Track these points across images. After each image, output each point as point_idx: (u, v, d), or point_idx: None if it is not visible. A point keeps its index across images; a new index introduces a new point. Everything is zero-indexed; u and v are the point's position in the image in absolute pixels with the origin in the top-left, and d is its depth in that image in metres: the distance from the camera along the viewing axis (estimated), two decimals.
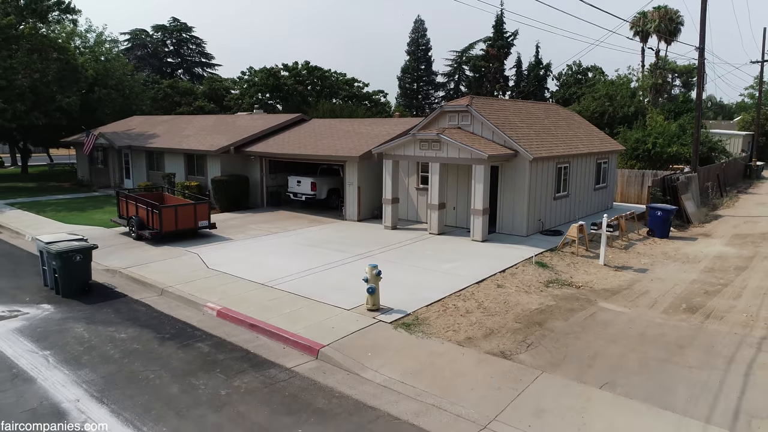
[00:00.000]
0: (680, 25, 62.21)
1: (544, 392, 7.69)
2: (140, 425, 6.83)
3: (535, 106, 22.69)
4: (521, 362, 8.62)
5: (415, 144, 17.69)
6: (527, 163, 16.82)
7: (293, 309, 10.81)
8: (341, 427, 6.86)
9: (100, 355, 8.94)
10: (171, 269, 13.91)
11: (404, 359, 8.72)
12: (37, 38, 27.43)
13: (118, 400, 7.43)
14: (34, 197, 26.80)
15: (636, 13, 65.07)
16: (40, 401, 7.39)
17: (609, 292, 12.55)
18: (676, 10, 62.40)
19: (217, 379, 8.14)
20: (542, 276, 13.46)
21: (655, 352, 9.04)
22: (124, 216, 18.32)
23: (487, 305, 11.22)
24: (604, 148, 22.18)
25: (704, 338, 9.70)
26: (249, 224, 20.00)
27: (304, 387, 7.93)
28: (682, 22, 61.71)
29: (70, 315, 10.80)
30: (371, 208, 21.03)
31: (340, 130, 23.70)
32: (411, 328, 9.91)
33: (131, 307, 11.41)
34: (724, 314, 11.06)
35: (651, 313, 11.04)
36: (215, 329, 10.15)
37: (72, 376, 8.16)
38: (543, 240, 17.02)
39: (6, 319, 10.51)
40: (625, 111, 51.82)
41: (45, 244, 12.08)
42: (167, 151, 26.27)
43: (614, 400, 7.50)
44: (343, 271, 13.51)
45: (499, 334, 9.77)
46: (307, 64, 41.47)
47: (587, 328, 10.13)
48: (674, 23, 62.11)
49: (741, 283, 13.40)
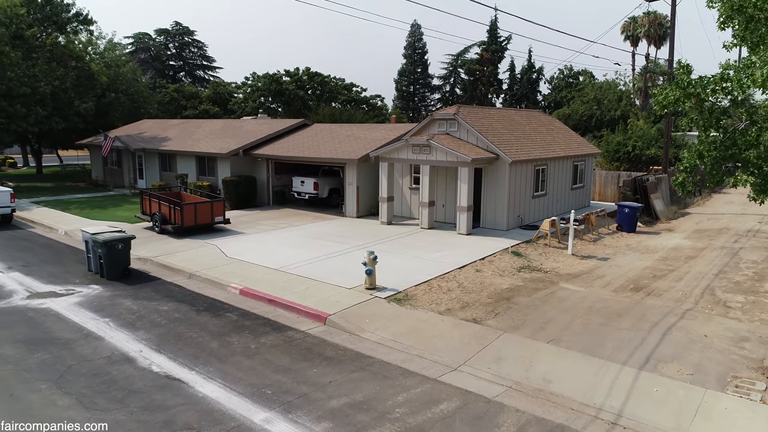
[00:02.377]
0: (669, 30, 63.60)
1: (504, 346, 9.86)
2: (192, 366, 8.97)
3: (518, 113, 24.87)
4: (488, 326, 10.79)
5: (408, 148, 19.85)
6: (507, 165, 18.99)
7: (303, 288, 12.95)
8: (346, 367, 9.02)
9: (149, 321, 11.08)
10: (195, 258, 16.03)
11: (395, 324, 10.87)
12: (58, 48, 29.48)
13: (172, 351, 9.57)
14: (56, 196, 28.83)
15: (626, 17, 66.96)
16: (111, 352, 9.52)
17: (571, 275, 14.73)
18: (665, 15, 64.13)
19: (246, 337, 10.28)
20: (516, 263, 15.63)
21: (596, 319, 11.22)
22: (147, 212, 20.40)
23: (466, 285, 13.39)
24: (581, 151, 24.37)
25: (640, 309, 11.89)
26: (258, 220, 22.12)
27: (315, 343, 10.08)
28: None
29: (117, 293, 12.92)
30: (369, 206, 23.15)
31: (340, 134, 25.82)
32: (401, 302, 12.07)
33: (167, 287, 13.54)
34: (663, 293, 13.25)
35: (602, 292, 13.23)
36: (240, 303, 12.29)
37: (132, 335, 10.29)
38: (521, 233, 19.19)
39: (65, 296, 12.63)
40: (612, 114, 54.16)
41: (91, 235, 14.20)
42: (179, 154, 28.36)
43: (557, 351, 9.68)
44: (345, 258, 15.65)
45: (473, 306, 11.94)
46: (308, 70, 43.59)
47: (546, 302, 12.30)
48: (663, 28, 64.01)
49: (686, 269, 15.60)
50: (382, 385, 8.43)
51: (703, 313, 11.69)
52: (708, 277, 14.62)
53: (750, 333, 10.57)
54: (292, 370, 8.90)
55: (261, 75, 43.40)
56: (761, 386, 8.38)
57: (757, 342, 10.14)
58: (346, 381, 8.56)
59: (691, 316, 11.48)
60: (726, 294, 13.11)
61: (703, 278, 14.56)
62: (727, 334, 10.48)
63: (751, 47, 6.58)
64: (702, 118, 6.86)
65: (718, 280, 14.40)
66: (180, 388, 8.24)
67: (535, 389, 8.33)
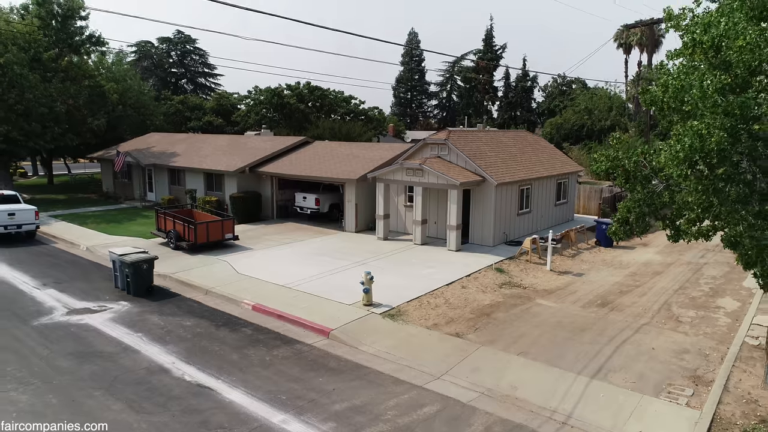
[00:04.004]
0: (662, 38, 64.65)
1: (480, 358, 11.62)
2: (218, 376, 10.72)
3: (506, 134, 26.66)
4: (469, 340, 12.55)
5: (403, 171, 21.61)
6: (493, 187, 20.77)
7: (308, 304, 14.70)
8: (346, 376, 10.78)
9: (177, 336, 12.82)
10: (209, 274, 17.78)
11: (388, 338, 12.63)
12: (73, 69, 31.19)
13: (200, 363, 11.32)
14: (71, 209, 30.53)
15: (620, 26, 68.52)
16: (149, 363, 11.27)
17: (547, 291, 16.51)
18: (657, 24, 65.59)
19: (261, 350, 12.04)
20: (498, 279, 17.41)
21: (562, 334, 12.99)
22: (162, 229, 22.14)
23: (452, 301, 15.16)
24: (564, 170, 26.17)
25: (602, 324, 13.67)
26: (264, 235, 23.86)
27: (320, 355, 11.84)
28: (663, 35, 64.16)
29: (145, 309, 14.67)
30: (367, 221, 24.91)
31: (340, 153, 27.58)
32: (394, 317, 13.83)
33: (187, 303, 15.29)
34: (626, 308, 15.03)
35: (571, 308, 15.01)
36: (253, 319, 14.03)
37: (163, 348, 12.04)
38: (506, 249, 20.98)
39: (100, 312, 14.37)
40: (602, 125, 56.00)
41: (118, 256, 15.94)
42: (188, 170, 30.10)
43: (525, 362, 11.45)
44: (344, 275, 17.39)
45: (457, 322, 13.71)
46: (308, 84, 45.36)
47: (521, 318, 14.08)
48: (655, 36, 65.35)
49: (651, 285, 17.38)
50: (376, 392, 10.18)
51: (656, 328, 13.47)
52: (668, 293, 16.40)
53: (692, 346, 12.36)
54: (302, 379, 10.66)
55: (263, 89, 45.15)
56: (689, 392, 10.16)
57: (695, 354, 11.92)
58: (347, 388, 10.31)
59: (645, 331, 13.26)
60: (680, 309, 14.89)
61: (664, 293, 16.34)
62: (672, 347, 12.26)
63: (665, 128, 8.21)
64: (628, 182, 8.65)
65: (676, 295, 16.19)
66: (210, 394, 9.99)
67: (503, 395, 10.09)
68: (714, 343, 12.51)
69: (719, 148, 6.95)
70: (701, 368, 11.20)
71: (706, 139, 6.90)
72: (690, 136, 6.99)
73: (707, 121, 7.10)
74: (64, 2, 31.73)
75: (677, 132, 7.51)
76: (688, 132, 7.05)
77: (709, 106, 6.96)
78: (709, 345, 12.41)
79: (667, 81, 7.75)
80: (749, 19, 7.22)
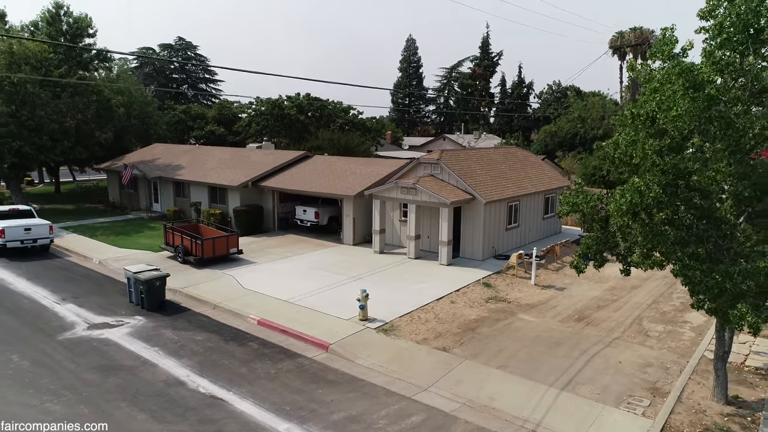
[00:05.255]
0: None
1: (464, 371, 12.94)
2: (229, 388, 12.03)
3: (496, 152, 27.99)
4: (454, 354, 13.87)
5: (397, 189, 22.93)
6: (482, 205, 22.10)
7: (310, 319, 16.01)
8: (343, 389, 12.09)
9: (190, 350, 14.13)
10: (216, 289, 19.08)
11: (382, 353, 13.94)
12: (82, 86, 32.48)
13: (212, 376, 12.62)
14: (80, 220, 31.79)
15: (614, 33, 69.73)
16: (166, 376, 12.57)
17: (529, 306, 17.83)
18: (651, 30, 66.78)
19: (267, 364, 13.34)
20: (485, 294, 18.73)
21: (539, 348, 14.31)
22: (170, 244, 23.42)
23: (441, 316, 16.48)
24: (551, 185, 27.51)
25: (576, 338, 14.99)
26: (266, 248, 25.16)
27: (320, 368, 13.15)
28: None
29: (159, 324, 15.97)
30: (364, 234, 26.22)
31: (338, 168, 28.88)
32: (387, 332, 15.15)
33: (197, 318, 16.59)
34: (601, 322, 16.36)
35: (550, 322, 16.33)
36: (258, 333, 15.34)
37: (178, 362, 13.34)
38: (494, 264, 22.30)
39: (117, 326, 15.67)
40: (595, 133, 57.32)
41: (133, 273, 17.24)
42: (193, 183, 31.39)
43: (503, 375, 12.77)
44: (342, 290, 18.69)
45: (444, 336, 15.03)
46: (308, 95, 46.68)
47: (503, 332, 15.40)
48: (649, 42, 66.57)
49: (628, 299, 18.71)
50: (370, 403, 11.49)
51: (625, 342, 14.80)
52: (642, 307, 17.73)
53: (655, 359, 13.68)
54: (304, 391, 11.97)
55: (264, 100, 46.46)
56: (646, 403, 11.49)
57: (658, 367, 13.25)
58: (344, 399, 11.62)
59: (615, 345, 14.59)
60: (650, 324, 16.23)
61: (638, 308, 17.67)
62: (637, 361, 13.59)
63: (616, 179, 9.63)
64: (587, 223, 9.98)
65: (649, 310, 17.52)
66: (223, 405, 11.30)
67: (482, 405, 11.41)
68: (676, 357, 13.84)
69: (657, 200, 8.27)
70: (660, 380, 12.53)
71: (645, 194, 8.21)
72: (631, 192, 8.30)
73: (648, 177, 8.42)
74: (73, 21, 33.03)
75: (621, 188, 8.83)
76: (630, 188, 8.37)
77: (648, 166, 8.27)
78: (671, 359, 13.74)
79: (618, 139, 9.07)
80: (686, 89, 8.54)
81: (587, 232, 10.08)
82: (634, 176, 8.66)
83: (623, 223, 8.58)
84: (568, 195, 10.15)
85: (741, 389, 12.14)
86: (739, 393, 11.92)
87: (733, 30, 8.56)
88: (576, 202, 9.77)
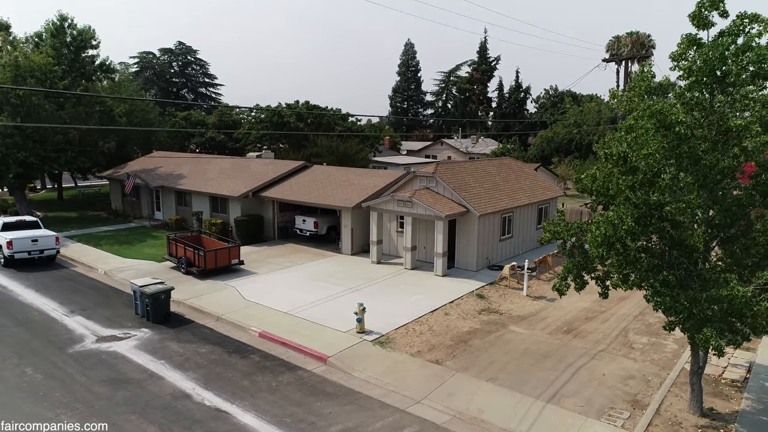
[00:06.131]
0: (652, 48, 65.27)
1: (455, 383, 13.63)
2: (233, 401, 12.71)
3: (491, 163, 28.70)
4: (447, 366, 14.56)
5: (394, 202, 23.63)
6: (476, 218, 22.80)
7: (309, 332, 16.70)
8: (341, 401, 12.78)
9: (194, 363, 14.81)
10: (218, 300, 19.75)
11: (378, 365, 14.63)
12: (86, 97, 33.16)
13: (216, 388, 13.30)
14: (84, 229, 32.45)
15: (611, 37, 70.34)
16: (173, 389, 13.25)
17: (521, 317, 18.53)
18: (647, 34, 67.15)
19: (268, 377, 14.03)
20: (478, 306, 19.42)
21: (528, 360, 15.01)
22: (173, 254, 24.09)
23: (435, 329, 17.17)
24: (545, 196, 28.22)
25: (564, 351, 15.69)
26: (266, 258, 25.84)
27: (319, 381, 13.84)
28: (654, 45, 64.81)
29: (164, 336, 16.65)
30: (362, 243, 26.90)
31: (337, 179, 29.57)
32: (383, 344, 15.84)
33: (201, 330, 17.27)
34: (588, 334, 17.06)
35: (540, 334, 17.03)
36: (260, 346, 16.02)
37: (184, 375, 14.02)
38: (488, 274, 23.00)
39: (125, 339, 16.35)
40: (590, 139, 58.05)
41: (139, 287, 17.92)
42: (194, 192, 32.07)
43: (492, 387, 13.46)
44: (340, 302, 19.37)
45: (438, 348, 15.72)
46: (307, 103, 47.41)
47: (494, 345, 16.10)
48: (645, 47, 66.76)
49: (615, 310, 19.41)
50: (366, 415, 12.18)
51: (610, 354, 15.51)
52: (628, 319, 18.44)
53: (638, 372, 14.39)
54: (304, 404, 12.66)
55: (264, 107, 47.16)
56: (626, 415, 12.19)
57: (639, 380, 13.95)
58: (341, 412, 12.31)
59: (601, 357, 15.29)
60: (635, 336, 16.94)
61: (624, 320, 18.38)
62: (620, 373, 14.29)
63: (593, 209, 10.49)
64: (567, 251, 10.68)
65: (635, 321, 18.22)
66: (227, 418, 11.99)
67: (472, 417, 12.10)
68: (657, 369, 14.54)
69: (630, 232, 8.98)
70: (641, 393, 13.23)
71: (619, 227, 8.91)
72: (605, 226, 9.01)
73: (621, 209, 9.12)
74: (77, 34, 33.72)
75: (596, 220, 9.54)
76: (604, 221, 9.08)
77: (622, 201, 8.98)
78: (653, 371, 14.44)
79: (595, 173, 9.78)
80: (657, 128, 9.24)
81: (568, 257, 10.76)
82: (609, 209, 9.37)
83: (598, 254, 9.29)
84: (550, 224, 10.85)
85: (716, 401, 12.84)
86: (715, 405, 12.63)
87: (700, 73, 9.26)
88: (557, 231, 10.48)
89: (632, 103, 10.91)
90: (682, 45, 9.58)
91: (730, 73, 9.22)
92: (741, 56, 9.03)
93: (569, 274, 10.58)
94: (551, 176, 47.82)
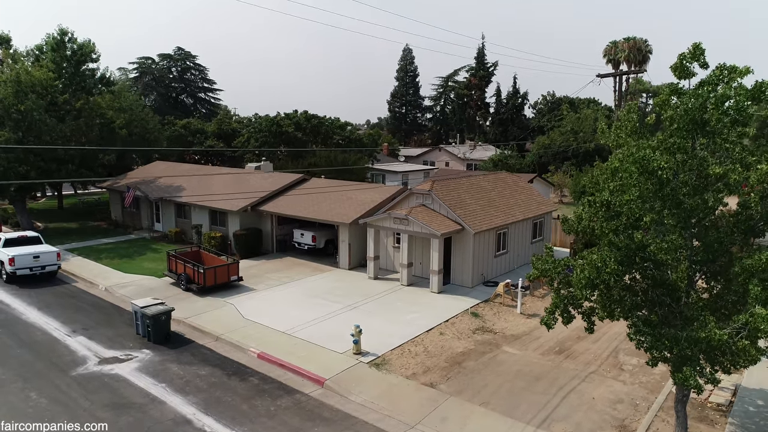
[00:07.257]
0: (649, 53, 65.34)
1: (449, 408, 14.03)
2: (232, 426, 13.09)
3: (486, 178, 29.11)
4: (440, 390, 14.96)
5: (390, 219, 24.03)
6: (471, 235, 23.20)
7: (306, 353, 17.08)
8: (338, 426, 13.17)
9: (195, 386, 15.19)
10: (218, 319, 20.13)
11: (374, 388, 15.02)
12: (86, 110, 33.53)
13: (216, 414, 13.68)
14: (84, 241, 32.77)
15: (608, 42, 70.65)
16: (174, 414, 13.63)
17: (514, 337, 18.93)
18: (644, 40, 67.38)
19: (267, 401, 14.42)
20: (473, 324, 19.82)
21: (520, 383, 15.41)
22: (173, 271, 24.46)
23: (430, 349, 17.56)
24: (540, 211, 28.64)
25: (555, 373, 16.09)
26: (265, 273, 26.21)
27: (316, 405, 14.22)
28: (651, 50, 64.99)
29: (165, 358, 17.02)
30: (359, 258, 27.29)
31: (335, 193, 29.95)
32: (379, 366, 16.23)
33: (200, 351, 17.64)
34: (579, 355, 17.46)
35: (532, 355, 17.43)
36: (259, 367, 16.40)
37: (184, 399, 14.40)
38: (483, 291, 23.40)
39: (126, 361, 16.73)
40: (587, 147, 58.52)
41: (140, 308, 18.29)
42: (194, 206, 32.44)
43: (485, 412, 13.86)
44: (337, 321, 19.73)
45: (432, 371, 16.11)
46: (305, 113, 47.80)
47: (488, 366, 16.49)
48: (642, 53, 66.76)
49: (606, 329, 19.79)
50: None
51: (600, 376, 15.91)
52: (620, 338, 18.82)
53: (626, 395, 14.79)
54: (301, 429, 13.04)
55: (263, 117, 47.54)
56: None
57: (628, 404, 14.36)
58: None
59: (591, 379, 15.70)
60: (626, 356, 17.34)
61: (616, 339, 18.77)
62: (609, 396, 14.69)
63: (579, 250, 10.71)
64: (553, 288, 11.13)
65: (626, 341, 18.53)
66: None
67: None
68: (645, 393, 14.95)
69: (614, 274, 9.38)
70: (629, 418, 13.63)
71: (602, 270, 9.32)
72: (588, 269, 9.42)
73: (605, 251, 9.53)
74: (77, 48, 34.07)
75: (581, 263, 9.95)
76: (588, 264, 9.49)
77: (605, 243, 9.38)
78: (641, 394, 14.85)
79: (581, 213, 10.19)
80: (640, 173, 9.64)
81: (555, 293, 11.17)
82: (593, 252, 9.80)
83: (582, 296, 9.70)
84: (539, 260, 11.26)
85: (701, 426, 13.25)
86: (700, 431, 13.03)
87: (682, 121, 9.67)
88: (545, 269, 10.89)
89: (620, 139, 11.37)
90: (664, 94, 9.99)
91: (710, 120, 9.63)
92: (720, 106, 9.44)
93: (557, 309, 10.99)
94: (547, 186, 48.21)
